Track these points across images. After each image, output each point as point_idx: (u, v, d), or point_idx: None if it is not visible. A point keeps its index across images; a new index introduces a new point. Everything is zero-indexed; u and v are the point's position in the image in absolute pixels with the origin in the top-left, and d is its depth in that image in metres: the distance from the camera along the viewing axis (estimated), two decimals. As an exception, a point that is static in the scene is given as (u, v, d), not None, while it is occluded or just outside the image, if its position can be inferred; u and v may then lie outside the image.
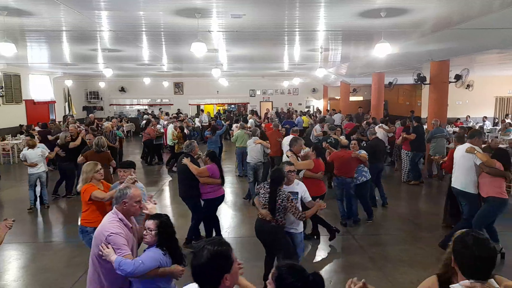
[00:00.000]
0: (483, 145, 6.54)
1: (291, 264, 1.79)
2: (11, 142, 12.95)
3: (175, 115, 17.55)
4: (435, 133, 9.40)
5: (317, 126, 11.25)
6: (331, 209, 7.21)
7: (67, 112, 19.14)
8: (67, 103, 19.36)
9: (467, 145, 5.20)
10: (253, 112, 19.17)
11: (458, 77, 11.35)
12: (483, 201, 5.15)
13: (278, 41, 9.26)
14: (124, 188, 2.98)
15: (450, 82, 10.80)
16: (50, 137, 10.42)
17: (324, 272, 5.07)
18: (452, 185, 5.53)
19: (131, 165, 4.43)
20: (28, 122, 15.35)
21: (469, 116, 16.84)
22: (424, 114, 16.61)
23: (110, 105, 22.88)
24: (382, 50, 6.91)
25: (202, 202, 5.68)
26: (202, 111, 22.33)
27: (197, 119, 18.40)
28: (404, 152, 9.68)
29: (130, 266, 2.62)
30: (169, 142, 11.65)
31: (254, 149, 8.19)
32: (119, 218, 2.89)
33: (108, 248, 2.73)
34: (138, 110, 22.60)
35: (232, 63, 14.14)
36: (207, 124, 17.63)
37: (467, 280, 1.92)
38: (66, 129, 9.48)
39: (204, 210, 5.70)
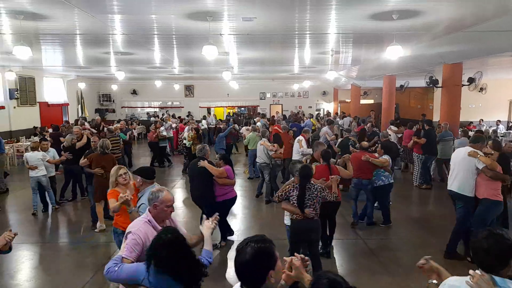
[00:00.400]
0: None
1: (333, 278, 1.70)
2: (25, 143, 13.17)
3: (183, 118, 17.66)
4: (444, 136, 9.40)
5: (327, 129, 11.12)
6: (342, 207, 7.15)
7: (79, 114, 19.42)
8: (80, 106, 19.65)
9: (468, 148, 5.17)
10: (263, 115, 19.20)
11: (471, 80, 11.19)
12: (478, 203, 5.16)
13: (288, 44, 9.27)
14: (157, 191, 2.92)
15: (463, 85, 10.67)
16: (62, 139, 10.56)
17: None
18: (448, 188, 5.45)
19: (138, 172, 3.94)
20: (42, 124, 15.61)
21: (482, 120, 16.60)
22: (436, 118, 16.40)
23: (122, 107, 23.13)
24: (394, 53, 6.87)
25: None
26: (209, 113, 22.35)
27: (204, 121, 18.49)
28: (416, 155, 9.58)
29: (107, 267, 2.55)
30: (186, 144, 11.75)
31: (259, 150, 8.53)
32: (148, 220, 2.86)
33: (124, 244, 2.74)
34: (147, 113, 22.81)
35: (243, 66, 14.19)
36: (214, 126, 17.71)
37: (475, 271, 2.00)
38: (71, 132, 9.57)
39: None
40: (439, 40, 7.98)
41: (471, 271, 2.00)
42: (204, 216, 3.03)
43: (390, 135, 9.87)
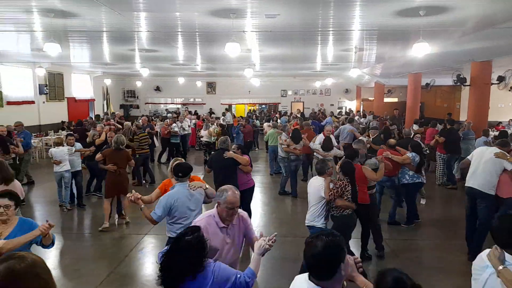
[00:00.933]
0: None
1: (398, 276, 1.73)
2: (53, 137, 13.61)
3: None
4: (467, 135, 9.37)
5: (352, 127, 10.96)
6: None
7: (105, 110, 19.93)
8: (105, 101, 20.16)
9: (494, 149, 5.21)
10: (284, 113, 19.18)
11: (501, 79, 10.81)
12: (501, 203, 5.16)
13: (311, 41, 9.20)
14: (223, 189, 2.88)
15: (492, 83, 10.31)
16: (88, 133, 10.83)
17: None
18: (470, 186, 5.38)
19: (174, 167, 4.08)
20: (69, 119, 16.12)
21: (511, 120, 15.98)
22: (463, 117, 15.92)
23: (146, 103, 23.58)
24: (420, 50, 6.71)
25: None
26: (227, 110, 22.08)
27: (221, 118, 18.57)
28: (438, 155, 9.40)
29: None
30: (210, 139, 11.85)
31: (279, 144, 8.83)
32: (213, 215, 2.88)
33: None
34: (166, 109, 23.07)
35: (265, 63, 14.18)
36: (231, 124, 17.82)
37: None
38: (94, 128, 9.77)
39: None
40: (468, 37, 7.73)
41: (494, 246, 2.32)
42: (261, 232, 2.88)
43: (412, 133, 9.70)
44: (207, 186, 3.97)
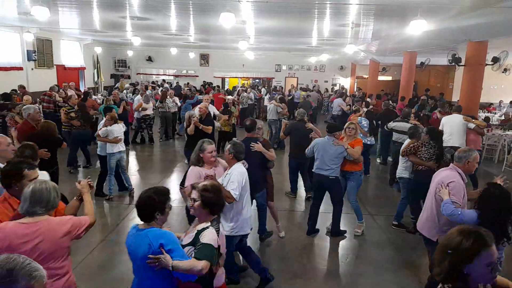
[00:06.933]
0: None
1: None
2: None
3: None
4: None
5: (341, 101, 11.02)
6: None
7: (95, 79, 19.53)
8: (96, 70, 19.73)
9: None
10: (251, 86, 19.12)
11: (495, 60, 10.79)
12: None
13: (308, 14, 9.01)
14: (469, 150, 3.56)
15: (486, 64, 10.30)
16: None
17: (341, 248, 5.12)
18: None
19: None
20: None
21: (502, 101, 16.13)
22: (455, 97, 16.03)
23: (137, 74, 23.16)
24: (418, 27, 6.65)
25: None
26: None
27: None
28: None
29: (449, 209, 3.17)
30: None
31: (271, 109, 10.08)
32: (458, 172, 3.48)
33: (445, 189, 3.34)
34: (163, 80, 22.70)
35: (260, 36, 13.92)
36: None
37: None
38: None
39: None
40: (466, 15, 7.65)
41: None
42: None
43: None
44: None
